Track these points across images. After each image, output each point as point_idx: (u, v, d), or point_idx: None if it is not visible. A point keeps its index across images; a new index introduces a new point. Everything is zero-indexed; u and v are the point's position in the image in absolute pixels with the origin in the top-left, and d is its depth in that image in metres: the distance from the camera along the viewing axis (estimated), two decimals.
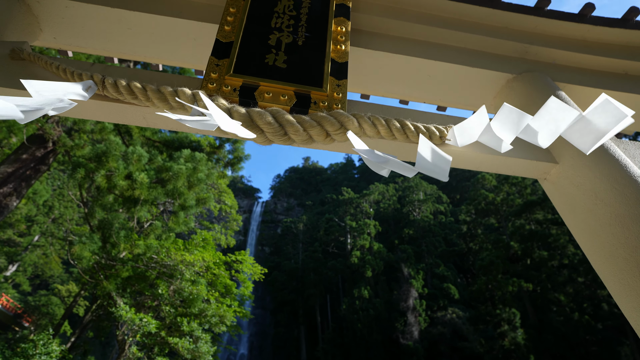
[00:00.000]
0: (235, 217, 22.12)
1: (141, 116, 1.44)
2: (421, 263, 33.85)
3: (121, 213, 9.91)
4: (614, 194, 1.41)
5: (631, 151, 1.78)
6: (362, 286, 32.41)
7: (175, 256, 10.98)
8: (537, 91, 1.91)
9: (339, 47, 1.62)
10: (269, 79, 1.42)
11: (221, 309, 11.94)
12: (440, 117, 1.67)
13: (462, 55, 2.09)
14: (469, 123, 1.22)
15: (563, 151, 1.62)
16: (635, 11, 2.18)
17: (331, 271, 38.28)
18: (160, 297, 11.12)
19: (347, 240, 39.80)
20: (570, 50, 2.15)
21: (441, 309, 30.17)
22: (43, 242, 25.25)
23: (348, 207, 41.94)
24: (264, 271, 14.53)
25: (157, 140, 11.54)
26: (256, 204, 63.30)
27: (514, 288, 24.18)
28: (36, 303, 24.07)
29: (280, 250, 47.50)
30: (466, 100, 2.27)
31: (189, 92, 1.25)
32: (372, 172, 61.67)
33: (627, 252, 1.36)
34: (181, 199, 9.14)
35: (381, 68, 2.10)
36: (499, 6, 2.12)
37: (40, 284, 29.70)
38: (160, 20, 1.87)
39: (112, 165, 8.27)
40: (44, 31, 1.98)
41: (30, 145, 9.87)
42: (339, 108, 1.46)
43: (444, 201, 42.72)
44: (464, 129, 1.28)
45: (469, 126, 1.24)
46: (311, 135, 1.33)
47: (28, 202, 21.67)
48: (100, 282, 10.47)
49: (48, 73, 1.47)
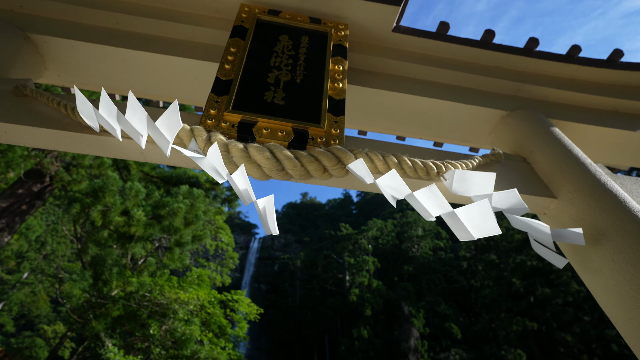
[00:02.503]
0: (232, 255, 21.71)
1: (139, 151, 1.44)
2: (422, 301, 32.92)
3: (115, 249, 9.72)
4: (615, 229, 1.39)
5: (628, 186, 1.79)
6: (362, 326, 31.28)
7: (169, 294, 10.64)
8: (531, 127, 1.95)
9: (336, 85, 1.66)
10: (268, 115, 1.44)
11: (215, 350, 11.40)
12: (437, 153, 1.68)
13: (456, 92, 2.15)
14: (472, 178, 1.18)
15: (561, 186, 1.62)
16: (619, 53, 2.28)
17: (329, 310, 37.09)
18: (151, 337, 10.65)
19: (346, 277, 38.93)
20: (561, 89, 2.22)
21: (444, 349, 28.97)
22: (32, 280, 24.52)
23: (346, 243, 41.40)
24: (259, 311, 14.04)
25: (155, 176, 11.57)
26: (253, 239, 62.42)
27: (519, 327, 23.39)
28: (19, 345, 22.98)
29: (277, 288, 46.24)
30: (462, 136, 2.30)
31: (187, 127, 1.25)
32: (370, 208, 61.56)
33: (634, 290, 1.31)
34: (177, 235, 9.02)
35: (378, 105, 2.15)
36: (490, 47, 2.21)
37: (25, 324, 28.50)
38: (162, 59, 1.92)
39: (108, 201, 8.22)
40: (48, 69, 2.04)
41: (27, 180, 9.86)
42: (337, 144, 1.47)
43: (443, 237, 42.31)
44: (465, 179, 1.25)
45: (471, 181, 1.21)
46: (309, 171, 1.33)
47: (20, 238, 21.28)
48: (89, 321, 10.07)
49: (49, 109, 1.49)
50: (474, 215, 0.98)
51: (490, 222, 0.97)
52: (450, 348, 28.67)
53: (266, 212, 1.03)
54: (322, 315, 37.31)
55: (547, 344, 23.51)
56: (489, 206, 0.96)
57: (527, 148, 1.89)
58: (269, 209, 1.04)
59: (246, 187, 1.03)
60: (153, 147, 1.42)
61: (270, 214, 1.04)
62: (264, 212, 1.03)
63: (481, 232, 0.98)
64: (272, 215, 1.05)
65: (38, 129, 1.43)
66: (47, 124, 1.44)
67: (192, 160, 1.45)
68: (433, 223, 43.82)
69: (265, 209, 1.03)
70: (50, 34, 1.88)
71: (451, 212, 1.00)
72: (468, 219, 0.99)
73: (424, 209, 1.06)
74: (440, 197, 1.01)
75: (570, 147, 1.74)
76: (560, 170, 1.66)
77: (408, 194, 1.07)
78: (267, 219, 1.03)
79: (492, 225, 0.98)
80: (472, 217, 0.98)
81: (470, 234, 0.99)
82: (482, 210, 0.97)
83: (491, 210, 0.96)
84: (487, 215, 0.96)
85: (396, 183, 1.08)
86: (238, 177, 1.00)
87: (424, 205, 1.05)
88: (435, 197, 1.02)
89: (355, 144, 1.62)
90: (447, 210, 1.02)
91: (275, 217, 1.05)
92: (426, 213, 1.07)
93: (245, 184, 1.02)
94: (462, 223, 0.99)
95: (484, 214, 0.97)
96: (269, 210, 1.04)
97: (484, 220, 0.98)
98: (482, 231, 0.98)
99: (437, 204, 1.03)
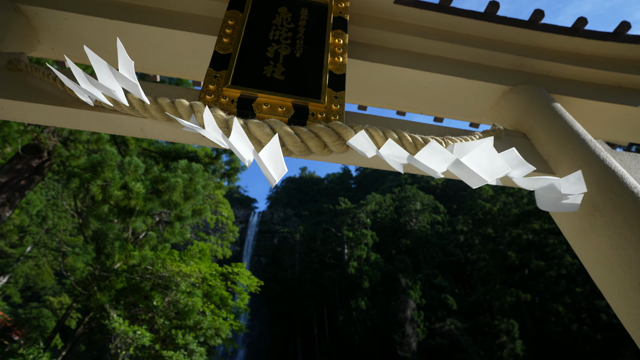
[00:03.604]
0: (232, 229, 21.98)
1: (138, 127, 1.43)
2: (419, 273, 33.69)
3: (116, 223, 9.81)
4: (612, 204, 1.41)
5: (627, 162, 1.80)
6: (360, 297, 32.15)
7: (171, 267, 10.85)
8: (533, 103, 1.93)
9: (336, 59, 1.63)
10: (267, 91, 1.42)
11: (217, 321, 11.76)
12: (438, 129, 1.68)
13: (458, 67, 2.12)
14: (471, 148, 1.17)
15: (559, 162, 1.63)
16: (626, 25, 2.22)
17: (328, 282, 37.98)
18: (154, 309, 10.95)
19: (344, 250, 39.61)
20: (564, 63, 2.18)
21: (439, 320, 29.94)
22: (35, 253, 24.90)
23: (345, 217, 41.85)
24: (260, 284, 14.38)
25: (154, 151, 11.51)
26: (253, 214, 62.99)
27: (512, 298, 24.09)
28: (27, 315, 23.62)
29: (276, 261, 47.14)
30: (463, 112, 2.28)
31: (186, 103, 1.24)
32: (369, 182, 61.81)
33: (625, 263, 1.35)
34: (177, 209, 9.08)
35: (378, 80, 2.12)
36: (494, 19, 2.15)
37: (31, 296, 29.20)
38: (158, 32, 1.87)
39: (107, 176, 8.22)
40: (41, 42, 1.99)
41: (25, 155, 9.82)
42: (337, 120, 1.46)
43: (441, 211, 42.76)
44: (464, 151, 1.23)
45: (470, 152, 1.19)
46: (309, 147, 1.33)
47: (21, 213, 21.44)
48: (93, 293, 10.32)
49: (45, 84, 1.47)
50: (480, 159, 1.00)
51: (497, 161, 1.00)
52: (446, 318, 29.62)
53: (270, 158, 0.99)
54: (321, 287, 38.27)
55: (539, 314, 24.30)
56: (492, 147, 0.99)
57: (528, 124, 1.88)
58: (272, 154, 1.00)
59: (245, 145, 1.01)
60: (152, 122, 1.41)
61: (274, 159, 1.01)
62: (266, 161, 0.99)
63: (490, 175, 1.00)
64: (276, 160, 1.01)
65: (35, 105, 1.41)
66: (44, 99, 1.42)
67: (191, 135, 1.44)
68: (431, 197, 44.17)
69: (268, 156, 0.99)
70: (41, 5, 1.82)
71: (456, 162, 1.01)
72: (475, 164, 1.01)
73: (429, 169, 1.06)
74: (442, 151, 1.01)
75: (571, 123, 1.74)
76: (560, 146, 1.66)
77: (410, 157, 1.07)
78: (273, 165, 1.00)
79: (500, 164, 0.99)
80: (479, 161, 1.00)
81: (481, 179, 1.00)
82: (486, 152, 0.99)
83: (495, 151, 0.99)
84: (492, 156, 0.99)
85: (396, 151, 1.08)
86: (235, 137, 0.99)
87: (429, 165, 1.05)
88: (437, 152, 1.02)
89: (355, 120, 1.61)
90: (452, 161, 1.02)
91: (281, 157, 1.02)
92: (433, 172, 1.07)
93: (243, 142, 1.00)
94: (470, 169, 1.00)
95: (489, 155, 0.99)
96: (273, 155, 1.00)
97: (490, 162, 1.00)
98: (491, 173, 1.00)
99: (441, 158, 1.03)
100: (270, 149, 0.99)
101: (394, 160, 1.14)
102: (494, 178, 1.01)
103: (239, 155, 1.01)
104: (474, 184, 1.04)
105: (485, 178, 0.99)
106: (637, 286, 1.31)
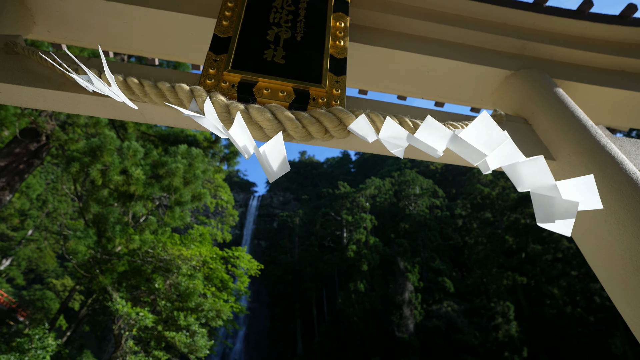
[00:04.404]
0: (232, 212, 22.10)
1: (139, 112, 1.43)
2: (417, 257, 34.09)
3: (116, 207, 9.85)
4: (610, 190, 1.42)
5: (627, 148, 1.80)
6: (358, 280, 32.61)
7: (171, 251, 10.96)
8: (535, 88, 1.92)
9: (337, 43, 1.61)
10: (268, 75, 1.41)
11: (218, 303, 11.97)
12: (439, 114, 1.67)
13: (460, 51, 2.09)
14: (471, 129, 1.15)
15: (560, 148, 1.63)
16: (633, 8, 2.19)
17: (327, 265, 38.46)
18: (156, 291, 11.13)
19: (344, 234, 39.95)
20: (568, 47, 2.16)
21: (437, 302, 30.48)
22: (37, 237, 25.09)
23: (344, 201, 42.03)
24: (260, 267, 14.56)
25: (153, 135, 11.46)
26: (252, 197, 63.21)
27: (509, 281, 24.46)
28: (31, 297, 23.97)
29: (276, 244, 47.59)
30: (464, 97, 2.27)
31: (187, 88, 1.23)
32: (368, 167, 61.80)
33: (621, 248, 1.37)
34: (177, 194, 9.11)
35: (380, 64, 2.10)
36: (498, 2, 2.12)
37: (34, 278, 29.56)
38: (157, 15, 1.84)
39: (107, 160, 8.20)
40: (37, 24, 1.95)
41: (23, 139, 9.77)
42: (338, 104, 1.45)
43: (440, 195, 42.92)
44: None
45: None
46: (310, 132, 1.33)
47: (21, 196, 21.49)
48: (95, 276, 10.45)
49: (43, 68, 1.45)
50: (480, 133, 0.96)
51: (496, 132, 0.95)
52: (443, 300, 30.16)
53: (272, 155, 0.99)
54: (320, 270, 38.78)
55: (535, 297, 24.73)
56: (490, 119, 0.95)
57: (530, 109, 1.87)
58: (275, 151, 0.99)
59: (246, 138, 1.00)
60: (152, 107, 1.40)
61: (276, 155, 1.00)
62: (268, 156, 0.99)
63: (490, 147, 0.96)
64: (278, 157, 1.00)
65: (34, 89, 1.40)
66: (42, 83, 1.40)
67: (191, 120, 1.43)
68: (430, 182, 44.26)
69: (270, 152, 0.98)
70: None
71: (454, 137, 0.98)
72: (474, 137, 0.97)
73: (429, 147, 1.04)
74: (440, 127, 0.98)
75: (573, 108, 1.73)
76: (561, 132, 1.66)
77: (409, 137, 1.05)
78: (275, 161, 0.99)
79: (500, 136, 0.95)
80: (478, 135, 0.97)
81: (481, 153, 0.97)
82: (485, 125, 0.95)
83: (494, 123, 0.95)
84: (492, 127, 0.95)
85: (395, 130, 1.07)
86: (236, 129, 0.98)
87: (428, 143, 1.03)
88: (435, 128, 0.99)
89: (356, 105, 1.61)
90: (449, 136, 0.99)
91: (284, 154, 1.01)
92: (432, 150, 1.04)
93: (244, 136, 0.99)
94: (470, 145, 0.97)
95: (488, 127, 0.95)
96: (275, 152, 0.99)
97: (490, 134, 0.96)
98: (491, 145, 0.96)
99: (439, 135, 1.01)
100: (274, 144, 0.98)
101: (393, 143, 1.13)
102: (494, 151, 0.98)
103: (239, 148, 1.01)
104: (474, 160, 1.02)
105: (485, 152, 0.97)
106: (632, 271, 1.34)
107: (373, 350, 28.95)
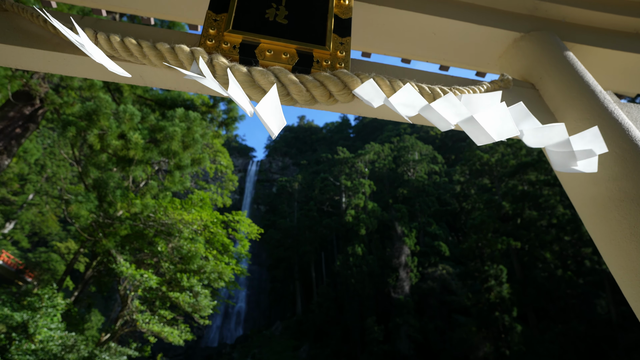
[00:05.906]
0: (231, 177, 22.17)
1: (138, 75, 1.39)
2: (414, 222, 34.69)
3: (116, 172, 9.86)
4: (614, 157, 1.42)
5: (634, 114, 1.77)
6: (356, 244, 33.37)
7: (173, 215, 11.11)
8: (545, 51, 1.86)
9: (342, 2, 1.54)
10: (270, 36, 1.35)
11: (219, 266, 12.30)
12: (445, 78, 1.63)
13: (470, 11, 2.01)
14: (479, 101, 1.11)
15: (566, 114, 1.61)
16: None
17: (326, 229, 39.19)
18: (159, 254, 11.39)
19: (342, 199, 40.38)
20: (581, 7, 2.07)
21: (432, 265, 31.40)
22: (38, 201, 25.29)
23: (343, 166, 42.09)
24: (260, 231, 14.82)
25: (149, 98, 11.24)
26: (251, 163, 63.20)
27: (503, 246, 25.07)
28: (37, 259, 24.55)
29: (275, 208, 48.19)
30: (470, 60, 2.20)
31: (187, 49, 1.19)
32: (368, 132, 61.30)
33: (620, 215, 1.39)
34: (176, 158, 9.09)
35: (385, 25, 2.02)
36: None
37: (39, 242, 30.14)
38: None
39: (103, 124, 8.10)
40: None
41: (16, 103, 9.57)
42: (342, 67, 1.41)
43: (439, 161, 42.98)
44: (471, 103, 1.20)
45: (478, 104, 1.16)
46: (314, 96, 1.30)
47: (19, 161, 21.43)
48: (99, 239, 10.65)
49: (34, 26, 1.39)
50: (492, 119, 1.01)
51: (508, 123, 1.01)
52: (438, 264, 31.06)
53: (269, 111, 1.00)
54: (318, 234, 39.57)
55: (527, 261, 25.46)
56: (505, 108, 1.00)
57: (538, 74, 1.83)
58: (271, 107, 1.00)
59: (243, 97, 1.00)
60: (152, 70, 1.36)
61: (274, 110, 1.01)
62: (267, 112, 0.99)
63: (500, 134, 1.01)
64: (276, 111, 1.01)
65: (27, 49, 1.35)
66: (35, 43, 1.35)
67: (193, 83, 1.40)
68: (430, 147, 44.14)
69: (267, 107, 0.99)
70: None
71: (470, 118, 1.02)
72: (486, 122, 1.02)
73: (441, 119, 1.07)
74: (458, 105, 1.02)
75: (582, 73, 1.69)
76: (568, 97, 1.63)
77: (424, 106, 1.07)
78: (273, 116, 1.01)
79: (510, 127, 1.01)
80: (490, 121, 1.01)
81: (490, 137, 1.02)
82: (499, 112, 1.00)
83: (508, 111, 1.00)
84: (505, 116, 1.01)
85: (411, 97, 1.08)
86: (234, 89, 0.98)
87: (442, 115, 1.06)
88: (452, 105, 1.03)
89: (359, 68, 1.56)
90: (465, 116, 1.03)
91: (280, 108, 1.03)
92: (444, 123, 1.08)
93: (242, 94, 1.00)
94: (481, 127, 1.01)
95: (502, 115, 1.01)
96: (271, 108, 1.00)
97: (502, 122, 1.01)
98: (501, 133, 1.01)
99: (455, 112, 1.05)
100: (268, 100, 0.97)
101: (405, 108, 1.13)
102: (503, 138, 1.02)
103: (241, 107, 1.00)
104: (480, 142, 1.05)
105: (494, 137, 1.01)
106: (629, 236, 1.36)
107: (370, 310, 30.20)
